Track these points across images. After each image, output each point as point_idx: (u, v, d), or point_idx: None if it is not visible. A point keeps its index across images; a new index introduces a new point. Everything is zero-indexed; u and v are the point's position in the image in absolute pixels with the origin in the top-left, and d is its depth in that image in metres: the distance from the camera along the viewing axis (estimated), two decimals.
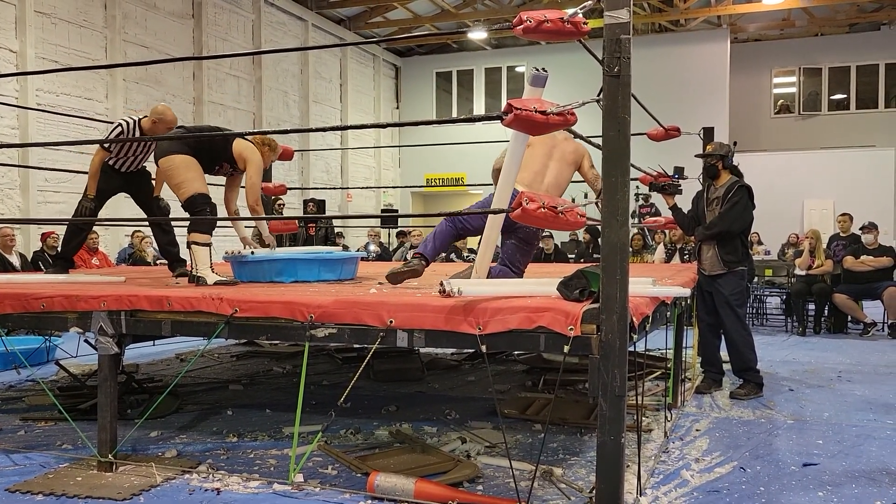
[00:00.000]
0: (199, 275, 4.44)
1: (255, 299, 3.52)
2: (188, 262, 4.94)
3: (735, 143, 5.76)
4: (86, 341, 5.45)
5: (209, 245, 4.56)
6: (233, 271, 5.06)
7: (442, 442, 4.13)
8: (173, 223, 5.42)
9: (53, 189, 10.51)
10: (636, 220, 11.94)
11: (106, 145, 5.11)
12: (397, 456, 3.79)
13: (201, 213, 4.54)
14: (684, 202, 5.69)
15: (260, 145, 4.97)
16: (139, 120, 5.05)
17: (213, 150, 4.77)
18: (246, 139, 4.90)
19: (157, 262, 9.77)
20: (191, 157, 4.62)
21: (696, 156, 5.88)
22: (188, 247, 4.57)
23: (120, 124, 5.03)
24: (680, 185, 5.85)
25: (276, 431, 4.40)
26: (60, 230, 9.40)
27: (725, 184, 5.56)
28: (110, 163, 5.16)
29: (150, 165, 5.14)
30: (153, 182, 5.34)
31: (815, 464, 3.84)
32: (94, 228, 9.76)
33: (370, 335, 3.28)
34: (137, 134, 5.02)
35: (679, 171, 5.84)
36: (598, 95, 2.93)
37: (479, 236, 4.10)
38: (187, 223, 4.61)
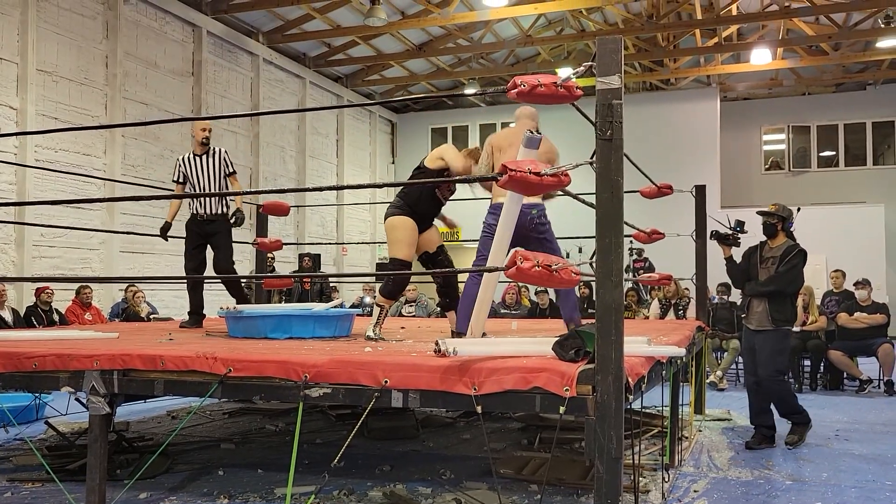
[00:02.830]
0: (368, 332, 4.77)
1: (248, 358, 3.50)
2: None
3: (798, 209, 6.09)
4: (76, 399, 5.38)
5: (382, 307, 4.84)
6: (227, 327, 5.05)
7: (437, 503, 4.06)
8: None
9: (48, 244, 10.51)
10: (630, 275, 11.97)
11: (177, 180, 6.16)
12: None
13: (389, 277, 4.83)
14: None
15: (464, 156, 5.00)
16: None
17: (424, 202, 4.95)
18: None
19: (150, 317, 9.73)
20: (408, 217, 4.85)
21: (757, 212, 6.10)
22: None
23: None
24: (739, 238, 6.07)
25: (269, 492, 4.33)
26: (54, 285, 9.39)
27: (782, 245, 5.82)
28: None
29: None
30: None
31: None
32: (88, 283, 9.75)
33: (365, 395, 3.27)
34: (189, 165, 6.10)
35: (740, 225, 6.10)
36: (592, 157, 2.98)
37: None
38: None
